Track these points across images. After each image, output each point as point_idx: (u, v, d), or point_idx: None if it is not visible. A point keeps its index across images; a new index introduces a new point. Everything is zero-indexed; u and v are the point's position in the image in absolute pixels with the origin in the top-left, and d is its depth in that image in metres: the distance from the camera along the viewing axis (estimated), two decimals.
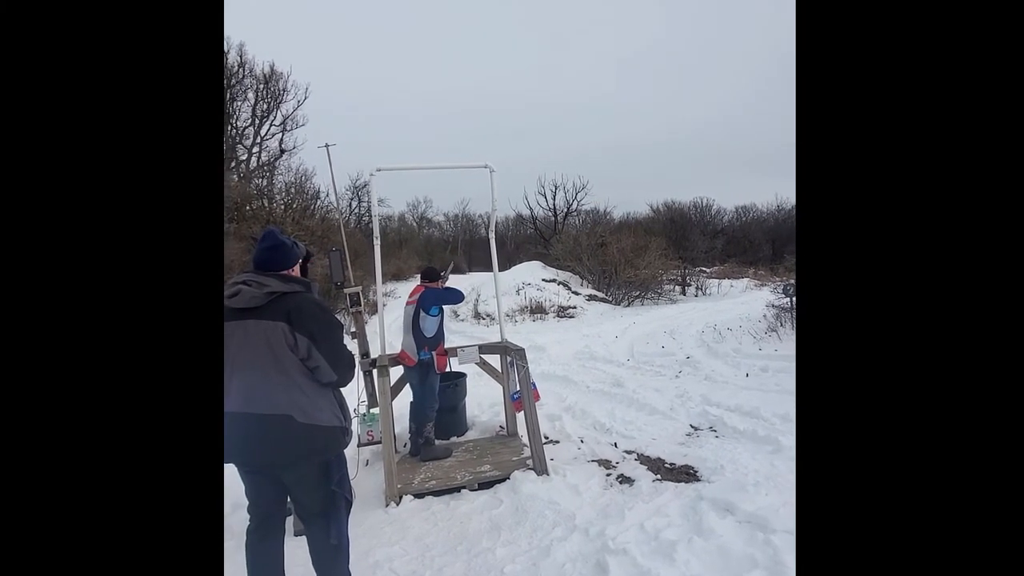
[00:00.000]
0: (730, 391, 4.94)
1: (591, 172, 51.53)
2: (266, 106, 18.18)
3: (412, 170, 4.44)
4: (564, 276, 15.28)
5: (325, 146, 3.82)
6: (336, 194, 4.28)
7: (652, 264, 14.34)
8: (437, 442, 3.71)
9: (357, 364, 2.45)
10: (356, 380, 2.65)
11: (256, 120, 18.05)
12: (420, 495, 3.07)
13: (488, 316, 11.83)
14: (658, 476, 3.16)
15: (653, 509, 2.72)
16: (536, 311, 12.05)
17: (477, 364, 3.71)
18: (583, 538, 2.49)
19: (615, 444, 3.76)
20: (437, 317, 3.52)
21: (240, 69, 17.08)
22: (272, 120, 18.46)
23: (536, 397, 3.41)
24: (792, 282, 8.17)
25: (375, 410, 3.34)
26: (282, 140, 18.76)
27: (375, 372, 3.28)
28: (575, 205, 26.27)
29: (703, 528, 2.45)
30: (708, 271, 19.65)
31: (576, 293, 13.76)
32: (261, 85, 17.86)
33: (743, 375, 5.59)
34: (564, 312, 12.12)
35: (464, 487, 3.14)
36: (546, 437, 3.86)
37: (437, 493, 3.10)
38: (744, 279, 18.19)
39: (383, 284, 4.23)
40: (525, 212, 27.37)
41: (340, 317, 5.44)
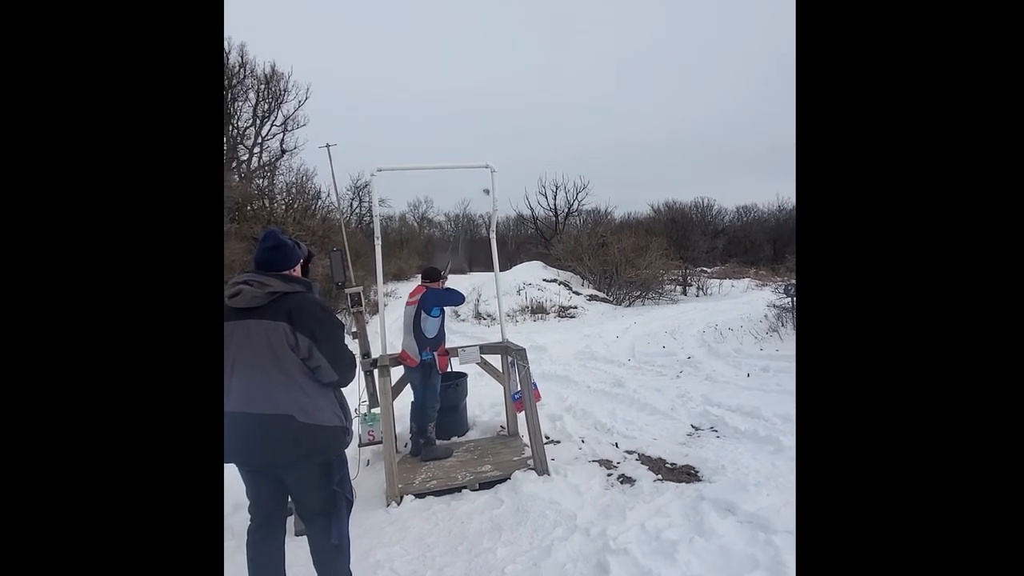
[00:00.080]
0: (731, 391, 4.93)
1: (591, 172, 51.50)
2: (267, 106, 18.21)
3: (413, 170, 4.44)
4: (565, 276, 15.27)
5: (326, 146, 3.82)
6: (337, 194, 4.29)
7: (653, 264, 14.33)
8: (438, 442, 3.72)
9: (358, 364, 2.45)
10: (357, 380, 2.65)
11: (257, 120, 18.08)
12: (421, 495, 3.07)
13: (489, 316, 11.82)
14: (659, 476, 3.16)
15: (654, 509, 2.72)
16: (537, 311, 12.05)
17: (478, 364, 3.71)
18: (584, 538, 2.49)
19: (616, 444, 3.76)
20: (438, 318, 3.53)
21: (241, 69, 17.11)
22: (273, 120, 18.51)
23: (537, 397, 3.41)
24: (793, 282, 8.15)
25: (376, 410, 3.34)
26: (283, 140, 18.81)
27: (376, 372, 3.29)
28: (576, 205, 26.30)
29: (704, 528, 2.45)
30: (709, 271, 19.65)
31: (577, 293, 13.75)
32: (262, 85, 17.89)
33: (744, 375, 5.59)
34: (565, 312, 12.11)
35: (465, 487, 3.14)
36: (547, 437, 3.86)
37: (438, 493, 3.10)
38: (745, 279, 18.18)
39: (384, 284, 4.23)
40: (526, 212, 27.43)
41: (341, 317, 5.47)
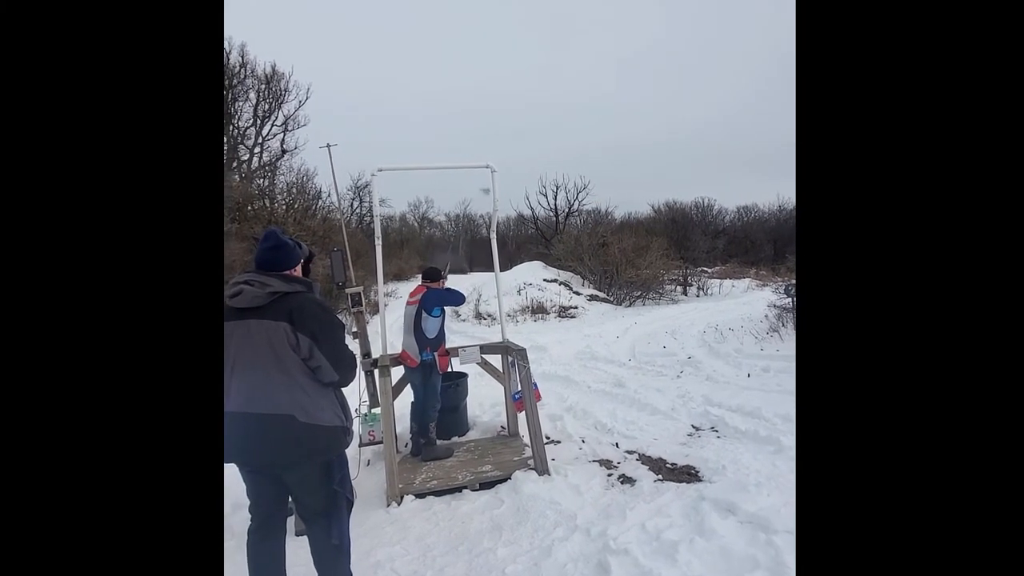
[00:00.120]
0: (732, 391, 4.93)
1: (592, 172, 51.50)
2: (268, 106, 18.21)
3: (413, 170, 4.43)
4: (565, 276, 15.27)
5: (327, 146, 3.82)
6: (337, 194, 4.28)
7: (653, 264, 14.33)
8: (438, 442, 3.71)
9: (359, 364, 2.45)
10: (357, 380, 2.65)
11: (258, 120, 18.09)
12: (421, 495, 3.07)
13: (489, 316, 11.82)
14: (660, 476, 3.16)
15: (655, 509, 2.72)
16: (537, 311, 12.05)
17: (478, 364, 3.71)
18: (584, 538, 2.49)
19: (616, 444, 3.76)
20: (439, 318, 3.53)
21: (242, 69, 17.11)
22: (274, 120, 18.52)
23: (537, 397, 3.40)
24: (793, 282, 8.14)
25: (376, 410, 3.34)
26: (283, 140, 18.83)
27: (376, 372, 3.28)
28: (576, 205, 26.32)
29: (705, 528, 2.45)
30: (710, 271, 19.65)
31: (577, 293, 13.74)
32: (263, 85, 17.90)
33: (745, 375, 5.58)
34: (565, 312, 12.11)
35: (465, 487, 3.14)
36: (547, 437, 3.86)
37: (438, 493, 3.10)
38: (746, 279, 18.18)
39: (384, 284, 4.23)
40: (526, 212, 27.43)
41: (342, 317, 5.47)
